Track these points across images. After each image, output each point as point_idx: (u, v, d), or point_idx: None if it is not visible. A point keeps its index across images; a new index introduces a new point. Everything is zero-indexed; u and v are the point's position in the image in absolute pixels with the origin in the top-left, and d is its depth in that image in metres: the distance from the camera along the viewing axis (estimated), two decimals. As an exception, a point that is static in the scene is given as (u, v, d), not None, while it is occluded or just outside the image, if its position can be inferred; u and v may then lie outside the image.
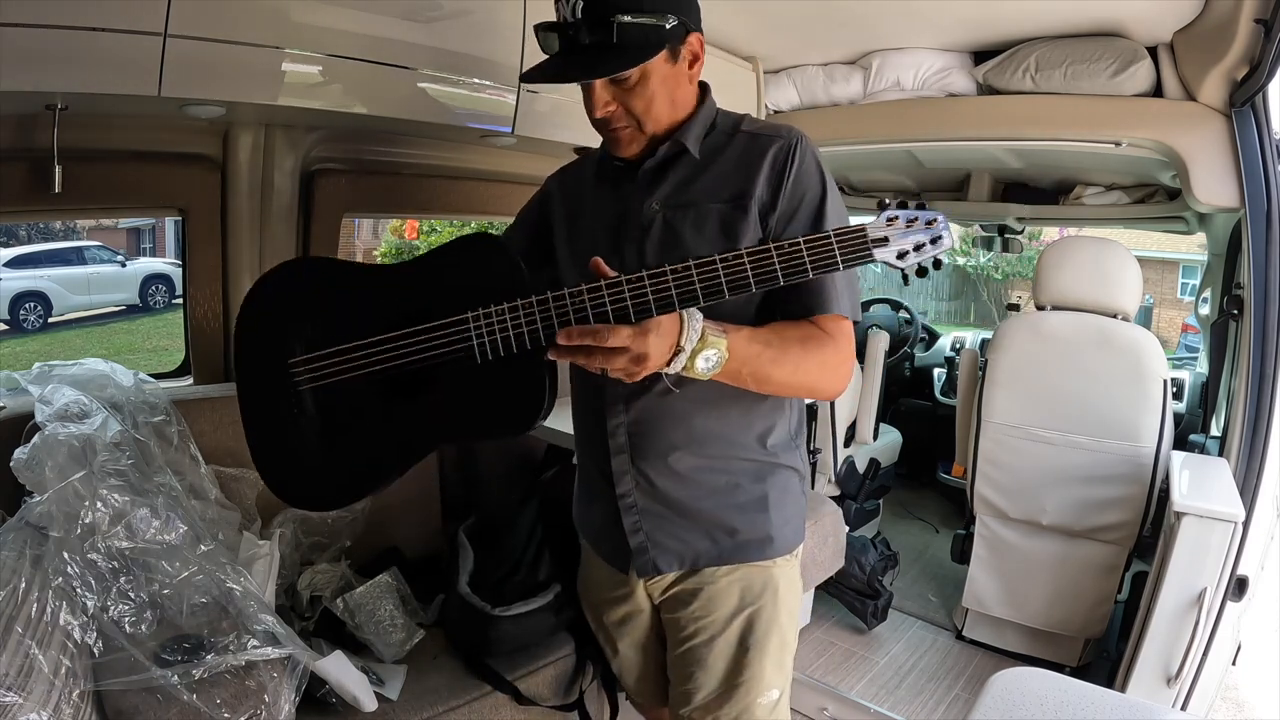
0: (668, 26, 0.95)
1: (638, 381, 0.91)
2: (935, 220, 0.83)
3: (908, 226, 0.82)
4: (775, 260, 0.82)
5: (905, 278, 0.85)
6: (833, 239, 0.81)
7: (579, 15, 0.93)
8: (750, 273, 0.82)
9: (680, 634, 1.12)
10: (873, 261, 0.83)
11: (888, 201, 0.85)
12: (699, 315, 0.88)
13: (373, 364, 0.95)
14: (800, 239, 0.82)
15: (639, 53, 0.94)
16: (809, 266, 0.81)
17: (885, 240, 0.82)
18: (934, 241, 0.83)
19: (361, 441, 0.98)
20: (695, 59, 1.02)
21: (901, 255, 0.83)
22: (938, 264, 0.84)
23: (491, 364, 0.90)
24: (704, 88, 1.09)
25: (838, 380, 1.02)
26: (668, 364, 0.87)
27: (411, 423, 0.96)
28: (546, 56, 0.99)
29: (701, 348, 0.87)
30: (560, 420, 1.64)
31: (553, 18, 0.97)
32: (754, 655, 1.08)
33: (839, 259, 0.81)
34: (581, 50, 0.95)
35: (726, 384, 0.95)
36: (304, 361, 0.99)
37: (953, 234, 0.87)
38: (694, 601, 1.10)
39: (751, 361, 0.93)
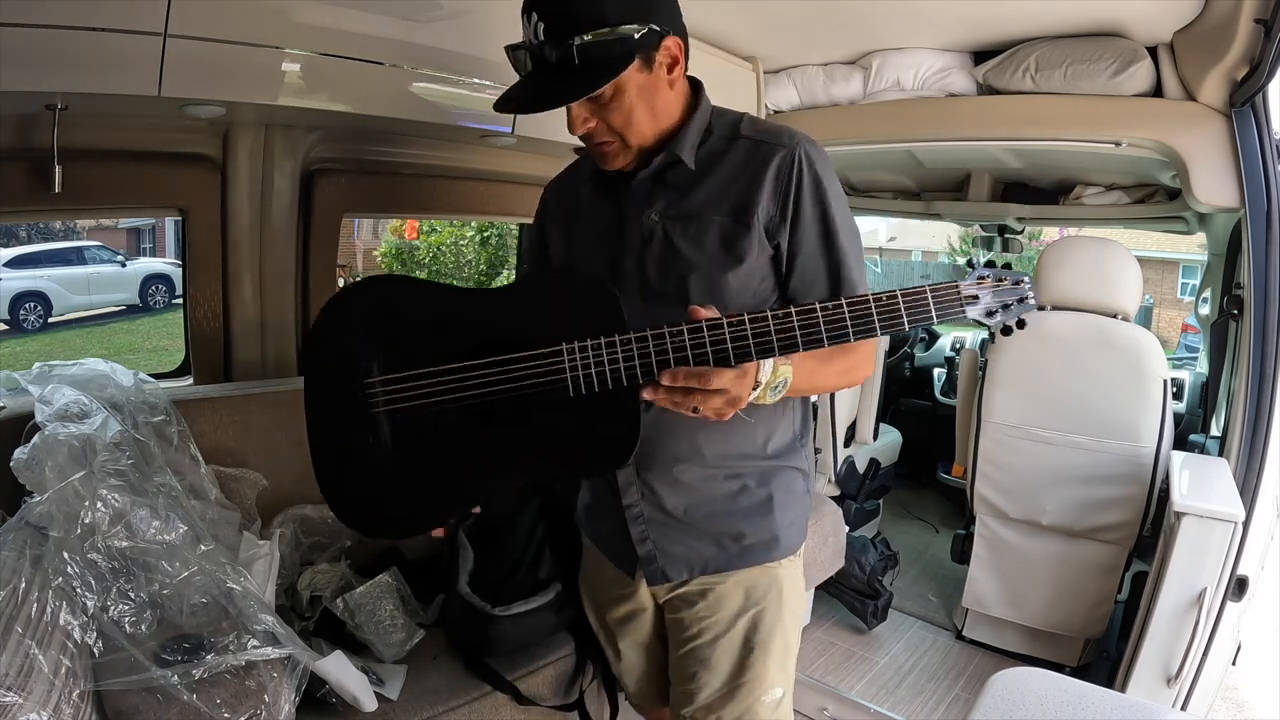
0: (636, 37, 0.91)
1: None
2: (1022, 281, 0.88)
3: (997, 284, 0.87)
4: (874, 312, 0.84)
5: (992, 335, 0.89)
6: (928, 295, 0.84)
7: (541, 36, 0.91)
8: (850, 324, 0.84)
9: (684, 634, 1.12)
10: (964, 317, 0.87)
11: (976, 263, 0.91)
12: None
13: (458, 391, 0.91)
14: (898, 292, 0.84)
15: (602, 73, 0.91)
16: (905, 319, 0.84)
17: (976, 298, 0.86)
18: (1020, 302, 0.88)
19: (436, 471, 0.94)
20: (674, 63, 0.98)
21: (990, 313, 0.87)
22: (1022, 324, 0.89)
23: (582, 398, 0.87)
24: (696, 87, 1.05)
25: (871, 366, 1.05)
26: None
27: (492, 455, 0.93)
28: (519, 77, 0.97)
29: (773, 378, 0.89)
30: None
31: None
32: (758, 655, 1.08)
33: (934, 313, 0.85)
34: (548, 71, 0.93)
35: None
36: (382, 382, 0.95)
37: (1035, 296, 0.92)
38: (699, 602, 1.10)
39: (809, 377, 0.96)
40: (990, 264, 0.90)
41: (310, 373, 1.02)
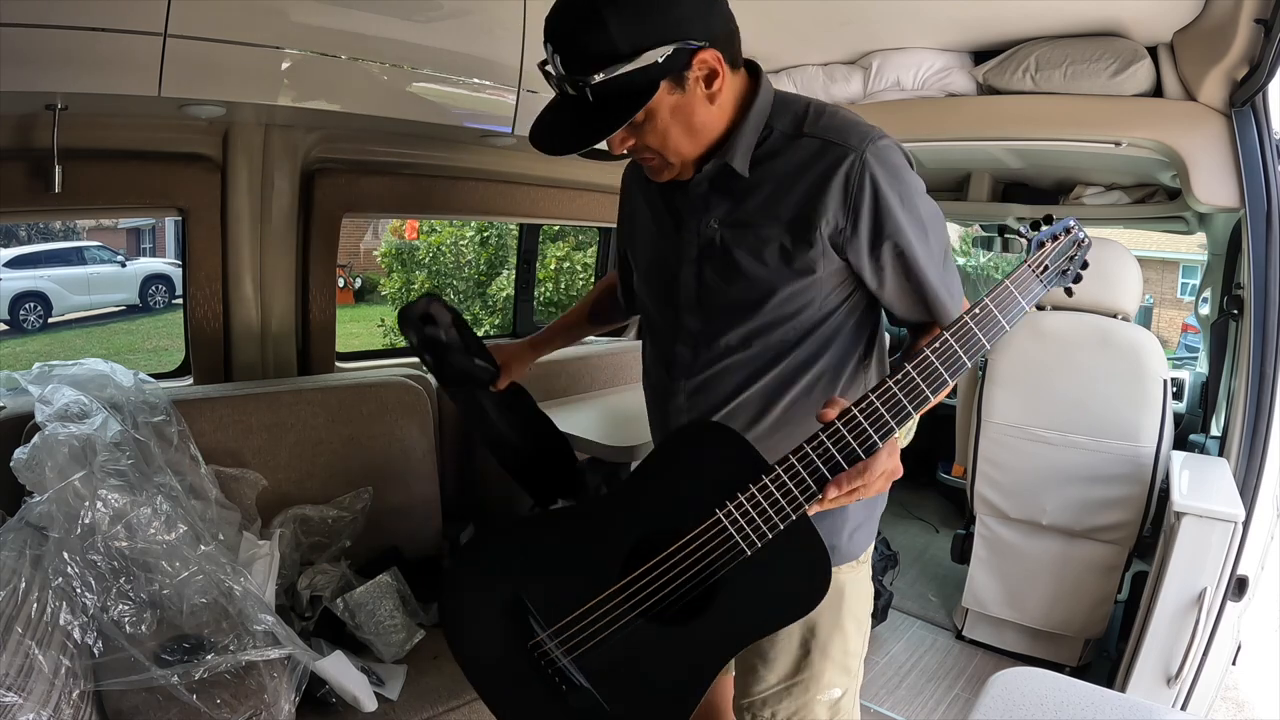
0: (661, 60, 0.82)
1: (699, 376, 0.99)
2: (1071, 228, 0.87)
3: (1054, 243, 0.87)
4: (977, 331, 0.82)
5: (1069, 291, 0.90)
6: (1013, 289, 0.84)
7: (561, 70, 0.85)
8: (962, 353, 0.81)
9: None
10: (1046, 290, 0.87)
11: (1019, 230, 0.88)
12: None
13: (639, 604, 0.86)
14: (986, 300, 0.83)
15: (625, 109, 0.84)
16: (1005, 322, 0.83)
17: (1046, 267, 0.86)
18: (1079, 247, 0.87)
19: (652, 687, 0.89)
20: (713, 76, 0.87)
21: (1064, 273, 0.88)
22: (1085, 265, 0.89)
23: (761, 551, 0.83)
24: (754, 77, 0.94)
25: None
26: None
27: (699, 641, 0.87)
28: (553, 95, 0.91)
29: (908, 433, 0.88)
30: (561, 423, 1.64)
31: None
32: (815, 657, 1.07)
33: (1023, 302, 0.84)
34: (574, 101, 0.87)
35: (797, 380, 0.97)
36: (553, 634, 0.89)
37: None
38: None
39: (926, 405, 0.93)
40: (1034, 225, 0.87)
41: (470, 667, 0.96)
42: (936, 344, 0.81)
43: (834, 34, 2.07)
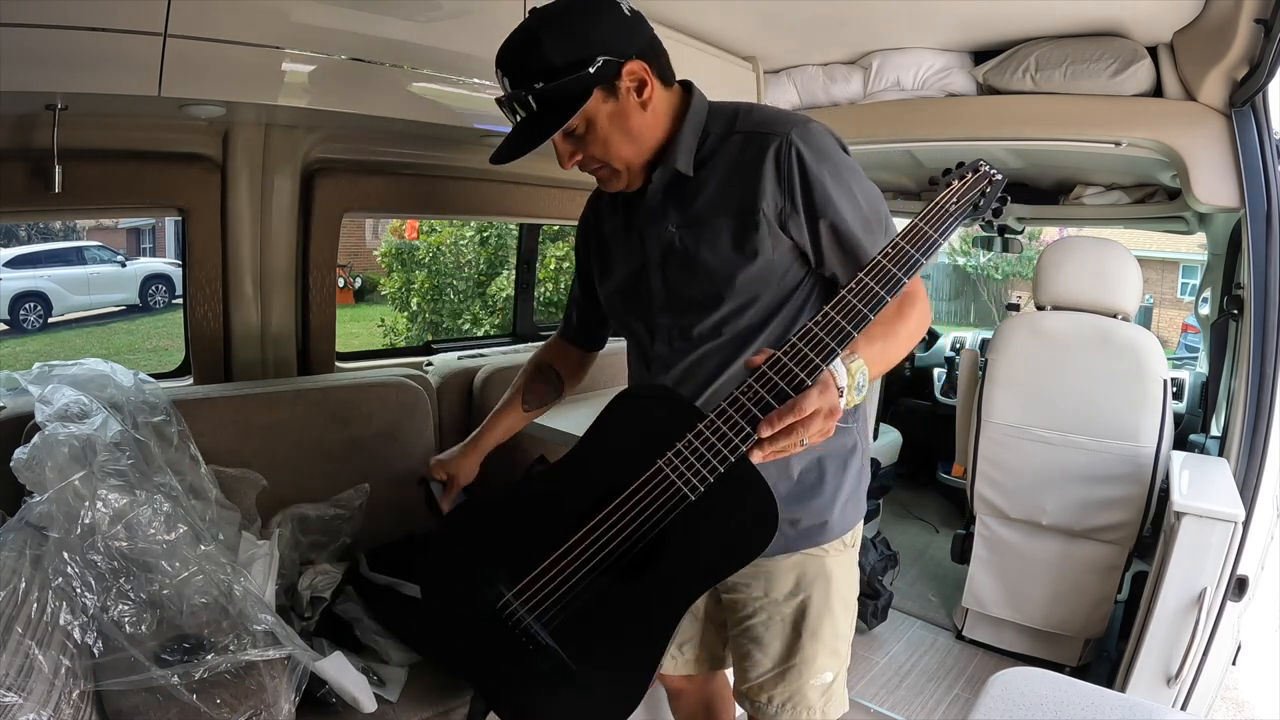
0: (591, 71, 0.94)
1: (678, 367, 1.05)
2: (979, 168, 0.92)
3: (961, 181, 0.91)
4: (889, 267, 0.86)
5: (989, 225, 0.96)
6: (923, 225, 0.87)
7: (509, 88, 0.97)
8: (879, 288, 0.85)
9: (739, 613, 1.16)
10: (956, 223, 0.90)
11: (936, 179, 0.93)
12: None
13: (595, 558, 0.90)
14: (896, 237, 0.87)
15: (563, 113, 0.95)
16: (918, 253, 0.86)
17: (956, 201, 0.90)
18: (991, 183, 0.92)
19: (617, 640, 0.93)
20: (642, 85, 0.99)
21: (976, 207, 0.91)
22: (1004, 199, 0.94)
23: (705, 497, 0.87)
24: (687, 91, 1.06)
25: (925, 305, 1.05)
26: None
27: (656, 591, 0.91)
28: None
29: (852, 380, 0.89)
30: (558, 421, 1.64)
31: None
32: (806, 640, 1.12)
33: (937, 235, 0.88)
34: (524, 118, 0.98)
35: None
36: (515, 595, 0.94)
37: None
38: (754, 583, 1.13)
39: (883, 355, 0.97)
40: (947, 171, 0.93)
41: (445, 642, 1.02)
42: (852, 284, 0.86)
43: (834, 34, 2.07)
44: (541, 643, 0.93)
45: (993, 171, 0.92)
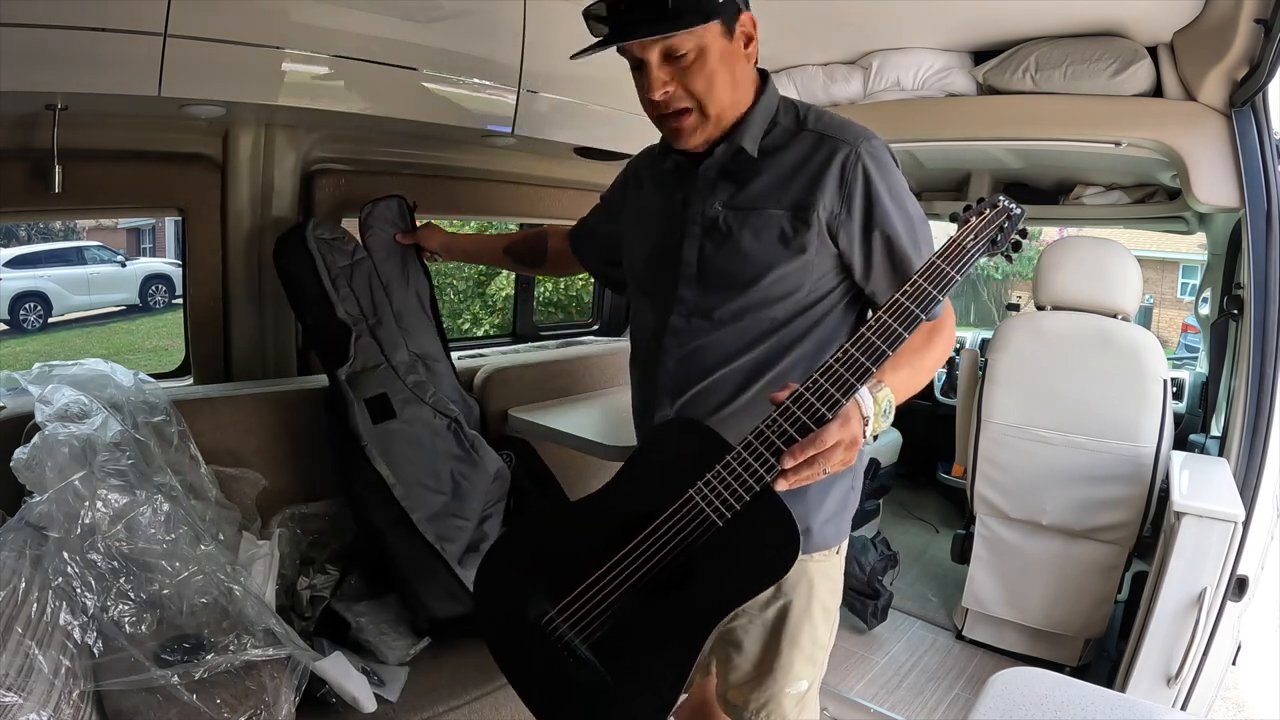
0: (720, 0, 0.94)
1: (691, 344, 1.06)
2: (998, 204, 0.92)
3: (979, 218, 0.91)
4: (909, 306, 0.87)
5: (1009, 258, 0.95)
6: (940, 263, 0.88)
7: None
8: (898, 326, 0.86)
9: None
10: (978, 260, 0.90)
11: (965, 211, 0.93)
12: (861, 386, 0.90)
13: (629, 579, 0.94)
14: (917, 275, 0.88)
15: (691, 16, 0.93)
16: (937, 291, 0.87)
17: (974, 238, 0.90)
18: (1010, 218, 0.91)
19: (648, 656, 0.97)
20: (750, 39, 1.01)
21: (994, 242, 0.91)
22: (1024, 233, 0.94)
23: (731, 523, 0.91)
24: (764, 76, 1.07)
25: (950, 328, 1.06)
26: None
27: (686, 610, 0.95)
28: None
29: (879, 408, 0.91)
30: (558, 421, 1.65)
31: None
32: (785, 646, 1.12)
33: (955, 273, 0.87)
34: (636, 13, 0.94)
35: (779, 360, 1.04)
36: (559, 612, 0.97)
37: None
38: None
39: (908, 382, 0.98)
40: (968, 207, 0.93)
41: (497, 650, 1.03)
42: (871, 322, 0.87)
43: (834, 34, 2.07)
44: (581, 656, 0.96)
45: (1011, 206, 0.92)
